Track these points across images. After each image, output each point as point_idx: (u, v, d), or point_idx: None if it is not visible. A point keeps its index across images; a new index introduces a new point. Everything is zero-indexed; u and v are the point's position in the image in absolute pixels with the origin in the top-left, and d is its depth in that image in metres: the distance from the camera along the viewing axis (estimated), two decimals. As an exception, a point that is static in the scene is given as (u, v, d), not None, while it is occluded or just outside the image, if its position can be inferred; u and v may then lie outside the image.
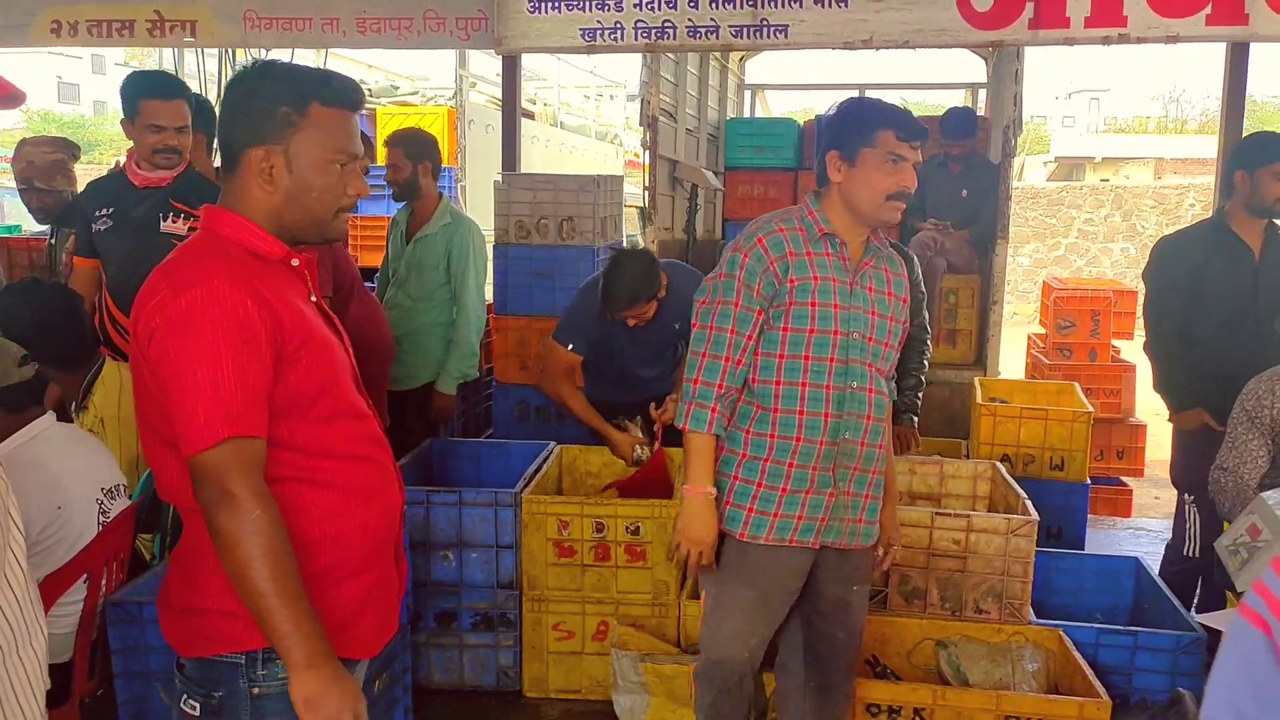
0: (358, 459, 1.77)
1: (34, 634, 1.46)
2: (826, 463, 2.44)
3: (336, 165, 1.72)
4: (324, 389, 1.71)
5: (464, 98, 8.99)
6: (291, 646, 1.57)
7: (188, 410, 1.56)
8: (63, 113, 27.83)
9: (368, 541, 1.78)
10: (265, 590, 1.55)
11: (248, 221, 1.71)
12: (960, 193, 5.92)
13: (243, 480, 1.56)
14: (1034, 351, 6.64)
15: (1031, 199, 16.84)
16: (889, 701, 2.87)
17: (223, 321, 1.57)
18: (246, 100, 1.70)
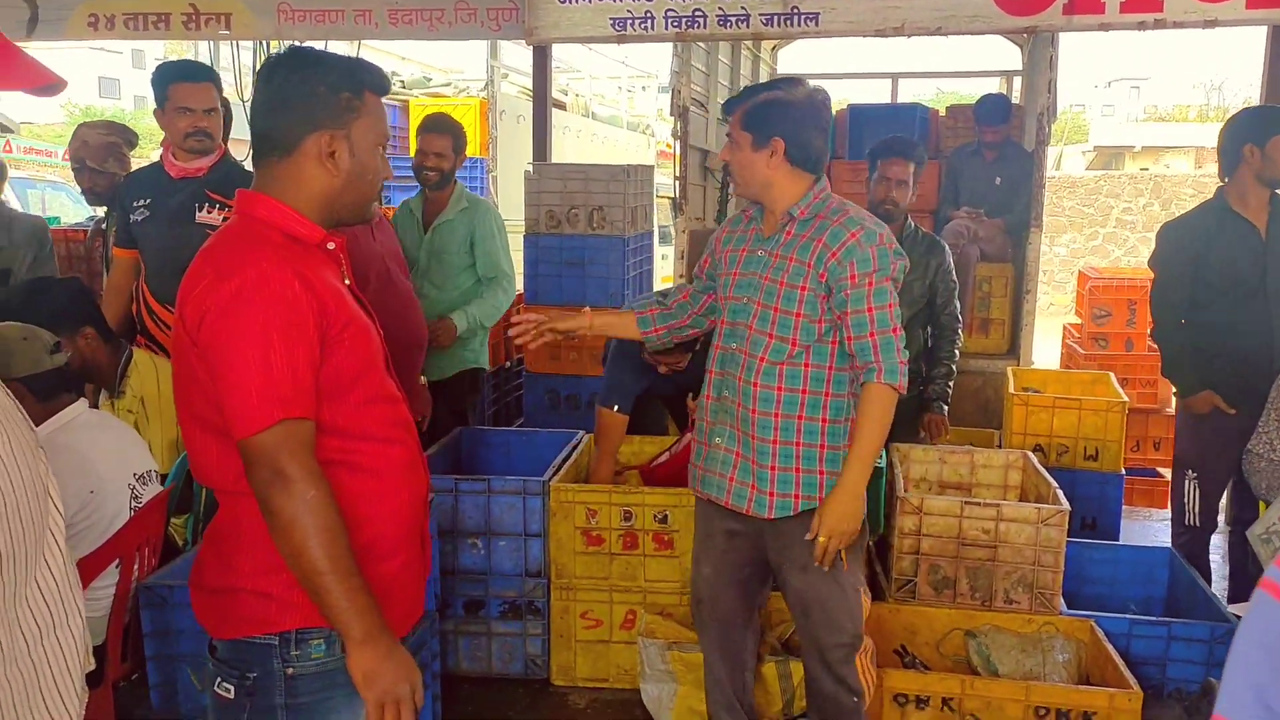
0: (391, 442, 1.79)
1: (71, 615, 1.47)
2: (712, 417, 2.63)
3: (381, 149, 1.79)
4: (362, 372, 1.73)
5: (495, 88, 9.00)
6: (349, 622, 1.60)
7: (240, 393, 1.58)
8: (104, 107, 28.19)
9: (399, 525, 1.80)
10: (322, 568, 1.58)
11: (285, 206, 1.72)
12: (994, 180, 5.86)
13: (296, 461, 1.58)
14: (1069, 341, 6.56)
15: (1069, 188, 16.62)
16: (917, 691, 2.85)
17: (272, 304, 1.59)
18: (302, 86, 1.71)
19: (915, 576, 3.22)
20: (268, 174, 1.75)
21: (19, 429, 1.39)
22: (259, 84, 1.76)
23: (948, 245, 4.16)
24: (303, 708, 1.71)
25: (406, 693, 1.66)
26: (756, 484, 2.52)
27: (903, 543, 3.20)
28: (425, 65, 12.28)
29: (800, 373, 2.48)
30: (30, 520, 1.37)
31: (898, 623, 3.21)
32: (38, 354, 2.63)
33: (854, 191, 6.48)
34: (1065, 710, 2.78)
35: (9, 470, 1.34)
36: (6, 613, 1.35)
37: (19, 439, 1.37)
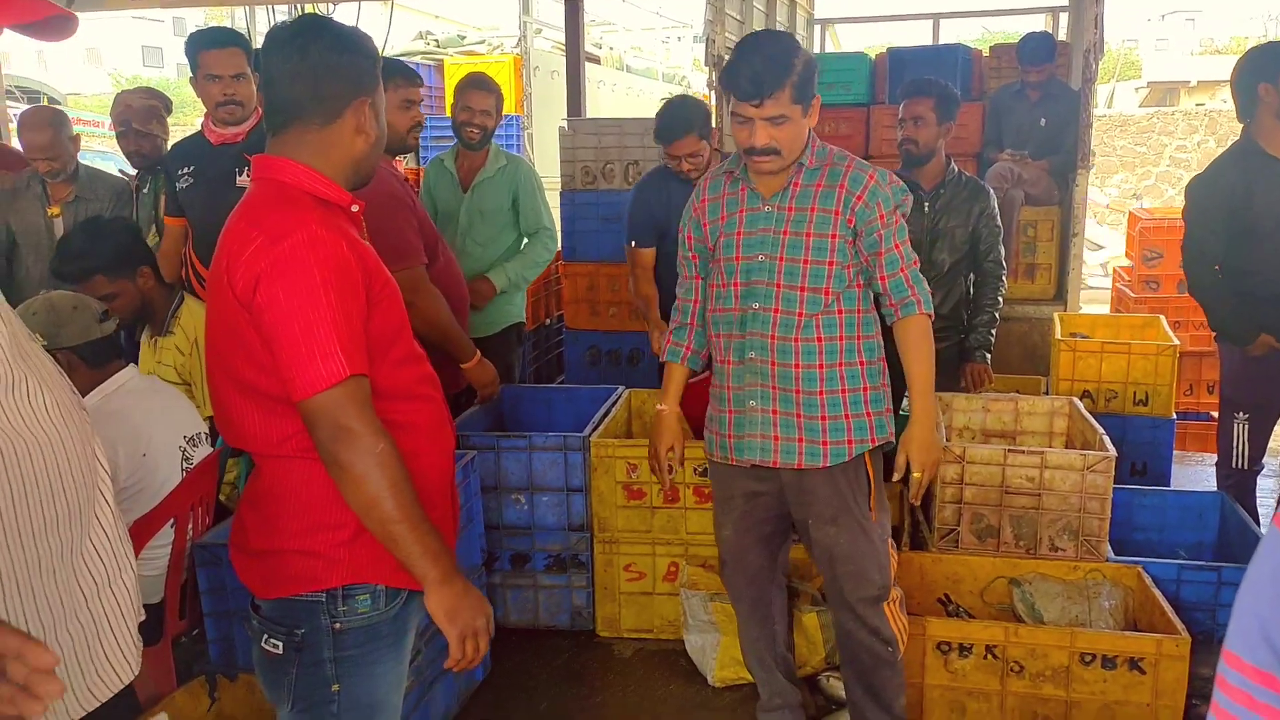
0: (423, 399, 1.83)
1: (125, 569, 1.53)
2: (736, 381, 2.58)
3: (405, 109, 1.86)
4: (398, 330, 1.78)
5: (529, 44, 8.95)
6: (427, 566, 1.67)
7: (301, 354, 1.60)
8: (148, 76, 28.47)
9: (433, 480, 1.83)
10: (397, 517, 1.63)
11: (308, 169, 1.74)
12: (1039, 121, 5.72)
13: (361, 416, 1.62)
14: (1119, 285, 6.43)
15: (1120, 127, 16.20)
16: (960, 639, 2.85)
17: (326, 264, 1.62)
18: (346, 56, 1.73)
19: (958, 525, 3.21)
20: (297, 140, 1.75)
21: (63, 392, 1.43)
22: (287, 54, 1.74)
23: (991, 189, 4.09)
24: (350, 660, 1.77)
25: (483, 625, 1.75)
26: (806, 436, 2.51)
27: (945, 492, 3.18)
28: (459, 23, 12.23)
29: (835, 320, 2.48)
30: (81, 479, 1.42)
31: (940, 572, 3.21)
32: (88, 322, 2.69)
33: (894, 137, 6.39)
34: (1111, 657, 2.77)
35: (60, 433, 1.38)
36: (63, 568, 1.40)
37: (64, 401, 1.42)
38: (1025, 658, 2.82)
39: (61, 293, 2.79)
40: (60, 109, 4.71)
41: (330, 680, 1.76)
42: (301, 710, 1.78)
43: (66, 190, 4.27)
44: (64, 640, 1.42)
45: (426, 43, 11.22)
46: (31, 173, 4.30)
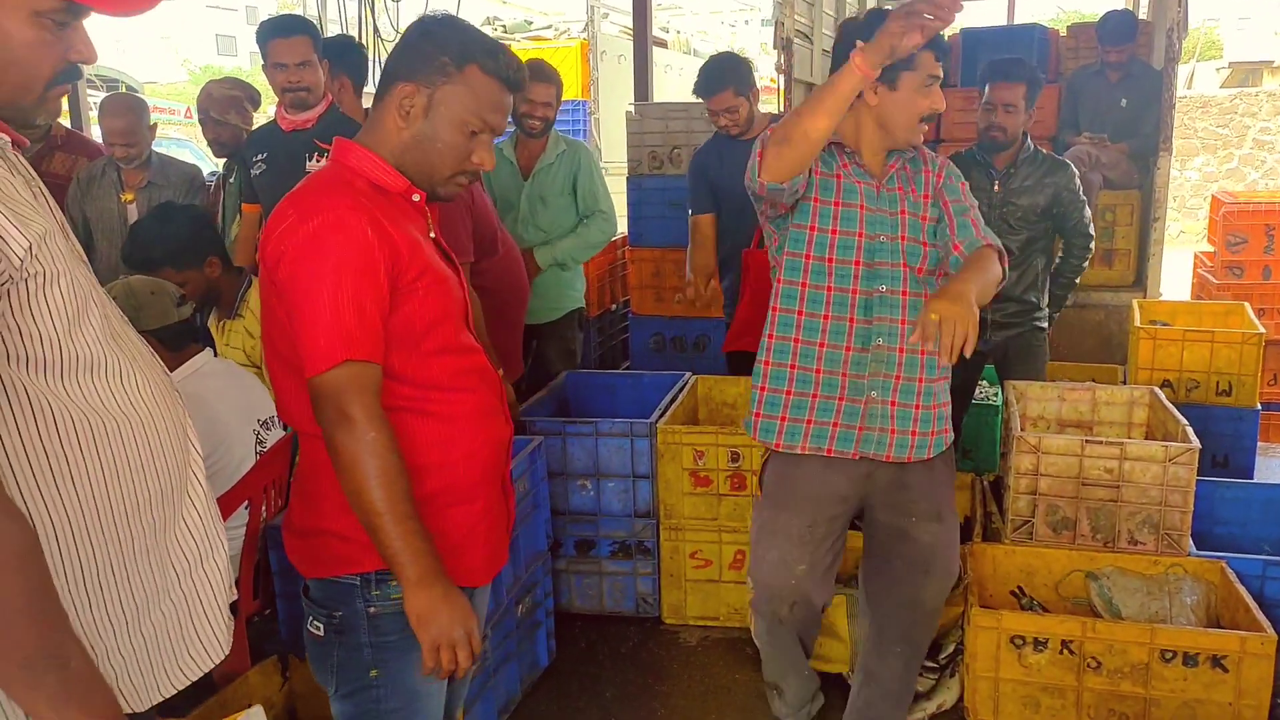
0: (462, 390, 1.79)
1: (216, 549, 1.56)
2: (858, 369, 2.42)
3: (469, 129, 1.73)
4: (436, 322, 1.73)
5: (595, 29, 8.93)
6: (404, 564, 1.62)
7: (310, 333, 1.61)
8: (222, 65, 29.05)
9: (473, 470, 1.80)
10: (379, 509, 1.60)
11: (372, 154, 1.74)
12: (1119, 103, 5.56)
13: (360, 401, 1.60)
14: (1201, 271, 6.24)
15: (1201, 108, 15.69)
16: (1035, 633, 2.79)
17: (346, 247, 1.61)
18: (417, 39, 1.73)
19: (1033, 517, 3.14)
20: (368, 121, 1.79)
21: (157, 374, 1.45)
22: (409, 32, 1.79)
23: (1072, 164, 3.97)
24: (388, 645, 1.75)
25: (462, 637, 1.67)
26: (919, 429, 2.46)
27: (1019, 482, 3.11)
28: (526, 8, 12.26)
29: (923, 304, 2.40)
30: (174, 458, 1.44)
31: (1014, 564, 3.14)
32: (166, 307, 2.74)
33: (967, 120, 6.24)
34: (1193, 654, 2.68)
35: (153, 413, 1.40)
36: (157, 547, 1.43)
37: (158, 384, 1.44)
38: (1103, 654, 2.75)
39: (140, 277, 2.85)
40: (139, 96, 4.81)
41: (369, 665, 1.75)
42: (345, 695, 1.78)
43: (140, 177, 4.37)
44: (156, 619, 1.44)
45: (494, 28, 11.27)
46: (107, 160, 4.40)
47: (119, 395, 1.35)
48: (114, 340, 1.37)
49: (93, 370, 1.32)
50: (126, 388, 1.36)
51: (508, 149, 4.30)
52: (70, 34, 1.24)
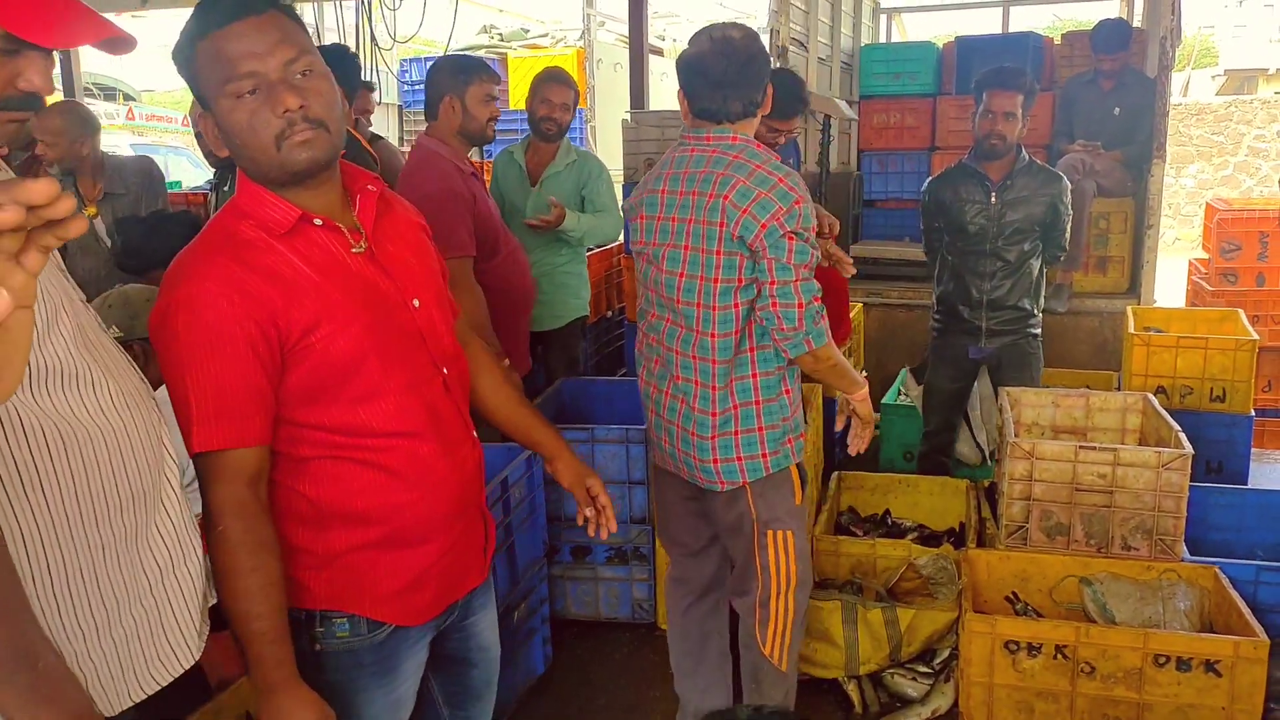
0: (404, 435, 1.65)
1: (189, 555, 1.56)
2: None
3: (239, 96, 1.50)
4: (351, 370, 1.58)
5: (592, 37, 8.97)
6: (253, 669, 1.54)
7: (178, 416, 1.53)
8: (218, 74, 29.03)
9: (422, 516, 1.69)
10: (227, 605, 1.52)
11: (259, 189, 1.57)
12: (1113, 111, 5.58)
13: (215, 491, 1.52)
14: (1195, 278, 6.25)
15: (1196, 116, 15.75)
16: (1029, 638, 2.79)
17: (193, 328, 1.49)
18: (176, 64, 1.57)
19: (1027, 523, 3.15)
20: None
21: (128, 379, 1.46)
22: None
23: (1065, 177, 4.01)
24: (334, 685, 1.68)
25: None
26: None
27: (1013, 488, 3.12)
28: (523, 16, 12.29)
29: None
30: (146, 466, 1.45)
31: (1008, 569, 3.15)
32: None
33: (963, 129, 6.29)
34: (1186, 659, 2.69)
35: (124, 420, 1.41)
36: (128, 553, 1.43)
37: (132, 392, 1.44)
38: (1097, 658, 2.76)
39: (136, 285, 2.85)
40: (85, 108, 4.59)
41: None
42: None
43: (94, 188, 4.23)
44: (128, 624, 1.45)
45: (490, 36, 11.29)
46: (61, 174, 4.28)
47: (89, 404, 1.36)
48: (87, 350, 1.37)
49: (63, 379, 1.32)
50: (98, 396, 1.37)
51: (519, 153, 4.29)
52: (19, 62, 1.23)
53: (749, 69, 2.40)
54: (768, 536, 2.55)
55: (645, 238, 2.54)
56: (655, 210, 2.51)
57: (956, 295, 3.97)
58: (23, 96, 1.25)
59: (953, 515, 3.89)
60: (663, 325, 2.55)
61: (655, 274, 2.53)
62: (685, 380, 2.51)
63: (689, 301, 2.45)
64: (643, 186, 2.59)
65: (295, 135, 1.51)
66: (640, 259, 2.60)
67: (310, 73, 1.52)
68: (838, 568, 3.46)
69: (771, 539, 2.55)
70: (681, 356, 2.50)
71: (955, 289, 3.98)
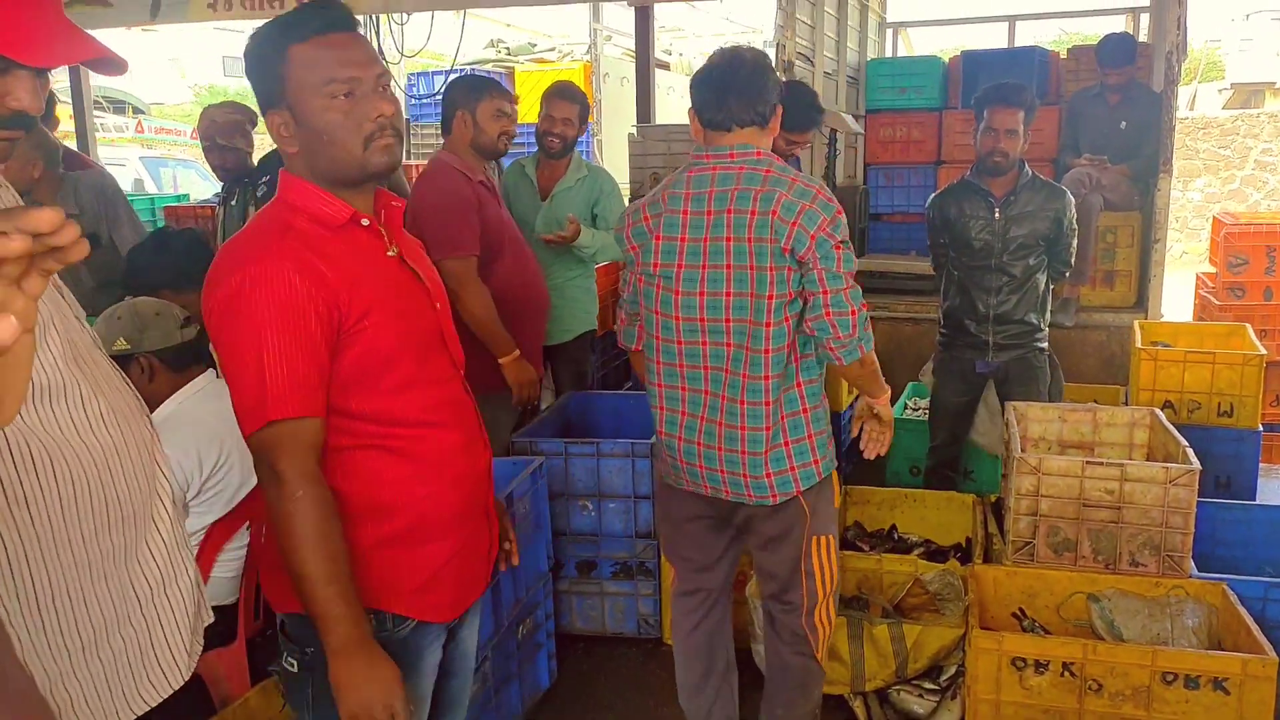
0: (431, 426, 1.74)
1: (180, 574, 1.54)
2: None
3: (338, 98, 1.62)
4: (392, 358, 1.68)
5: (598, 51, 9.00)
6: (326, 630, 1.59)
7: (240, 391, 1.59)
8: (227, 85, 29.20)
9: (444, 508, 1.77)
10: (304, 571, 1.58)
11: (310, 185, 1.68)
12: (1119, 125, 5.58)
13: (288, 460, 1.58)
14: (1203, 292, 6.24)
15: (1203, 129, 15.74)
16: (1036, 655, 2.78)
17: (267, 305, 1.56)
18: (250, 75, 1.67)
19: (1034, 538, 3.14)
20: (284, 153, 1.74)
21: (120, 398, 1.45)
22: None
23: (1069, 192, 4.01)
24: None
25: (382, 713, 1.61)
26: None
27: (1020, 503, 3.11)
28: (530, 31, 12.34)
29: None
30: (137, 484, 1.44)
31: (1015, 585, 3.14)
32: (169, 328, 2.76)
33: (969, 142, 6.28)
34: (1194, 676, 2.68)
35: (114, 438, 1.40)
36: (116, 572, 1.42)
37: (120, 407, 1.43)
38: (1104, 676, 2.74)
39: (145, 299, 2.86)
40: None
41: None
42: None
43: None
44: (116, 644, 1.43)
45: (498, 50, 11.35)
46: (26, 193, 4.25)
47: (78, 420, 1.34)
48: (76, 365, 1.36)
49: (50, 395, 1.31)
50: (87, 412, 1.36)
51: (529, 167, 4.31)
52: (7, 81, 1.22)
53: (755, 79, 2.41)
54: (813, 543, 2.57)
55: (663, 259, 2.47)
56: (676, 231, 2.46)
57: (963, 310, 3.97)
58: (12, 115, 1.25)
59: (959, 530, 3.87)
60: (696, 348, 2.47)
61: (674, 296, 2.47)
62: (731, 400, 2.45)
63: (739, 319, 2.40)
64: (651, 209, 2.52)
65: (381, 139, 1.64)
66: (651, 282, 2.52)
67: (389, 88, 1.67)
68: (844, 583, 3.45)
69: (816, 545, 2.58)
70: (730, 375, 2.44)
71: (961, 303, 3.97)
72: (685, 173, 2.50)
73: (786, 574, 2.61)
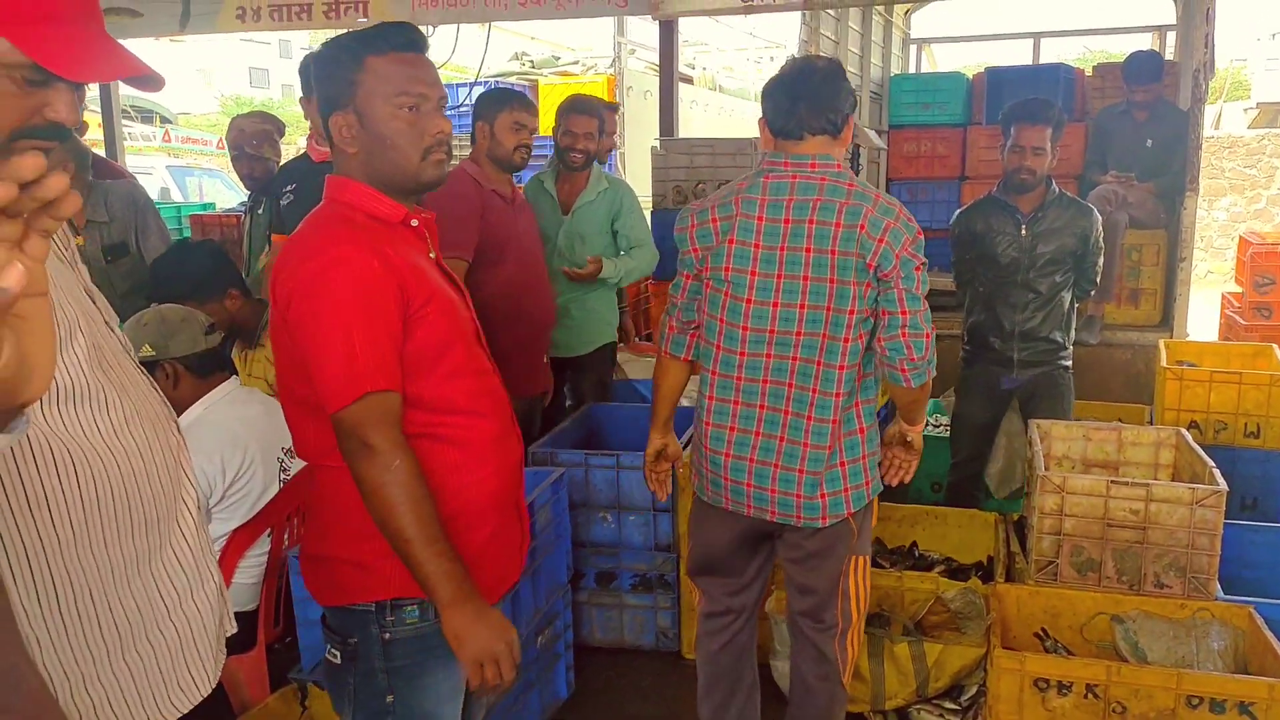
0: (478, 414, 1.82)
1: (206, 580, 1.55)
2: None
3: (405, 110, 1.73)
4: (447, 345, 1.77)
5: (622, 65, 9.03)
6: (436, 586, 1.66)
7: (328, 370, 1.65)
8: (253, 96, 29.48)
9: (485, 495, 1.83)
10: (408, 535, 1.64)
11: (365, 186, 1.77)
12: (1145, 143, 5.56)
13: (381, 431, 1.65)
14: (1229, 311, 6.20)
15: (1229, 148, 15.63)
16: (1059, 676, 2.75)
17: (352, 284, 1.65)
18: (311, 75, 1.82)
19: (1057, 558, 3.11)
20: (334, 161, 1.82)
21: (147, 401, 1.45)
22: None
23: (1096, 209, 3.99)
24: (401, 670, 1.79)
25: (503, 650, 1.70)
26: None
27: (1043, 522, 3.08)
28: (554, 44, 12.40)
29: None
30: (161, 488, 1.44)
31: (1038, 605, 3.11)
32: (195, 335, 2.78)
33: (993, 158, 6.25)
34: (1220, 700, 2.64)
35: (139, 443, 1.40)
36: (140, 576, 1.42)
37: (146, 412, 1.44)
38: (1128, 698, 2.71)
39: (172, 306, 2.89)
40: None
41: (384, 691, 1.78)
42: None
43: (79, 216, 4.13)
44: (143, 649, 1.43)
45: (522, 63, 11.41)
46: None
47: (102, 424, 1.35)
48: (102, 370, 1.37)
49: (75, 398, 1.32)
50: (112, 417, 1.37)
51: (549, 181, 4.29)
52: (48, 94, 1.24)
53: (827, 86, 2.36)
54: (852, 562, 2.55)
55: (736, 264, 2.39)
56: (751, 237, 2.38)
57: (988, 326, 3.95)
58: (49, 126, 1.26)
59: (981, 548, 3.85)
60: (759, 360, 2.41)
61: (745, 305, 2.40)
62: (797, 415, 2.40)
63: (810, 333, 2.35)
64: (721, 211, 2.43)
65: (436, 154, 1.76)
66: (720, 289, 2.44)
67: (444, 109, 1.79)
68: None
69: (853, 565, 2.56)
70: (796, 390, 2.39)
71: (986, 320, 3.95)
72: (760, 178, 2.42)
73: (826, 590, 2.56)
